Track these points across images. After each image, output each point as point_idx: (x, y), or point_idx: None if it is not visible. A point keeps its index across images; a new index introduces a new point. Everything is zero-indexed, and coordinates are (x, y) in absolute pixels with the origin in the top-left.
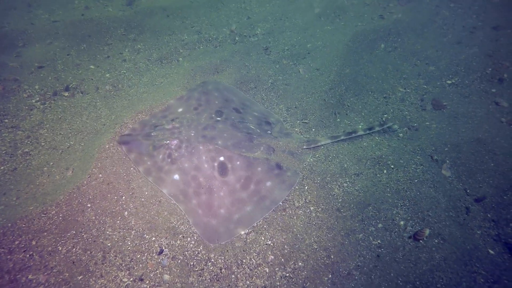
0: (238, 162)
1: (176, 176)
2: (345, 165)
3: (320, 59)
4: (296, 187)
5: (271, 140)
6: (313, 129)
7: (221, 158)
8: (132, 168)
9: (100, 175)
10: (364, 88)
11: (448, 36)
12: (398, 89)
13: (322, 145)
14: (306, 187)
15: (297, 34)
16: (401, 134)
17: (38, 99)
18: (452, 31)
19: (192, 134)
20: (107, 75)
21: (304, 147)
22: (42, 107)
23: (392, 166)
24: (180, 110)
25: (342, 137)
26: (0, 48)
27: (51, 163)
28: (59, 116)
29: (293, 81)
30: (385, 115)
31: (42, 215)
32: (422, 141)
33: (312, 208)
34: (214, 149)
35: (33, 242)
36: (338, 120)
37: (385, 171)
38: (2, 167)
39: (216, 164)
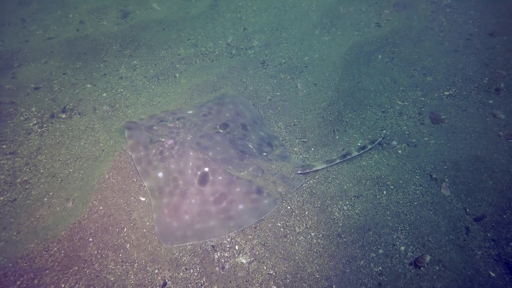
0: (220, 177)
1: (160, 174)
2: (345, 187)
3: (318, 73)
4: (297, 211)
5: (263, 162)
6: (312, 148)
7: (206, 169)
8: (132, 198)
9: (101, 208)
10: (362, 102)
11: (444, 43)
12: (396, 102)
13: (317, 170)
14: (307, 212)
15: (294, 46)
16: (400, 151)
17: (35, 122)
18: (449, 39)
19: (188, 139)
20: (104, 94)
21: (299, 172)
22: (40, 130)
23: (392, 187)
24: (190, 112)
25: (338, 161)
26: None
27: (51, 193)
28: (57, 141)
29: (291, 97)
30: (384, 131)
31: (44, 252)
32: (421, 158)
33: (313, 234)
34: (203, 158)
35: (35, 281)
36: (337, 137)
37: (384, 192)
38: (1, 198)
39: (199, 172)
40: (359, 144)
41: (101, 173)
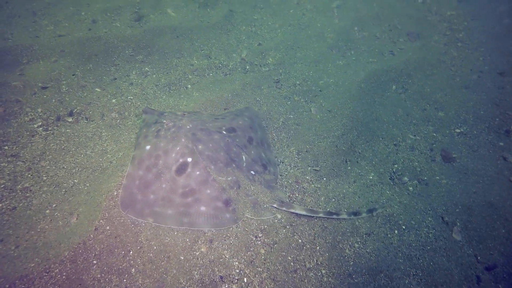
0: (198, 172)
1: (148, 147)
2: (357, 223)
3: (333, 99)
4: (308, 246)
5: (245, 179)
6: (324, 178)
7: (189, 159)
8: (140, 219)
9: (108, 227)
10: (375, 133)
11: (456, 78)
12: (408, 135)
13: (295, 213)
14: (318, 247)
15: (309, 67)
16: (411, 188)
17: (40, 123)
18: (460, 74)
19: (187, 127)
20: (113, 100)
21: (275, 205)
22: (45, 133)
23: (404, 227)
24: (205, 114)
25: (321, 215)
26: (3, 65)
27: (54, 205)
28: (62, 147)
29: (304, 121)
30: (395, 165)
31: (44, 273)
32: (433, 199)
33: (323, 271)
34: (191, 148)
35: None
36: (349, 168)
37: (396, 232)
38: (0, 205)
39: (181, 160)
40: (365, 206)
41: (109, 189)
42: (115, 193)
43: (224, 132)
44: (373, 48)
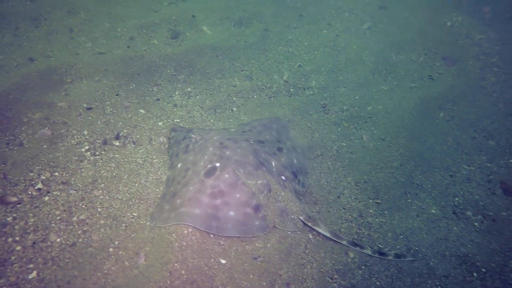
0: (226, 175)
1: (180, 165)
2: (431, 263)
3: (384, 126)
4: None
5: (276, 183)
6: (386, 212)
7: (217, 164)
8: (212, 260)
9: (183, 272)
10: (430, 164)
11: (499, 105)
12: (462, 166)
13: (319, 232)
14: None
15: (354, 92)
16: (476, 224)
17: (87, 147)
18: (503, 100)
19: (215, 138)
20: (160, 123)
21: (301, 218)
22: (93, 158)
23: (483, 270)
24: (232, 130)
25: (344, 243)
26: (49, 84)
27: (116, 242)
28: (114, 174)
29: (357, 150)
30: (456, 198)
31: None
32: (507, 238)
33: None
34: (219, 155)
35: None
36: (409, 201)
37: (475, 275)
38: (58, 239)
39: (210, 165)
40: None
41: (177, 226)
42: (186, 231)
43: (252, 142)
44: (412, 73)
